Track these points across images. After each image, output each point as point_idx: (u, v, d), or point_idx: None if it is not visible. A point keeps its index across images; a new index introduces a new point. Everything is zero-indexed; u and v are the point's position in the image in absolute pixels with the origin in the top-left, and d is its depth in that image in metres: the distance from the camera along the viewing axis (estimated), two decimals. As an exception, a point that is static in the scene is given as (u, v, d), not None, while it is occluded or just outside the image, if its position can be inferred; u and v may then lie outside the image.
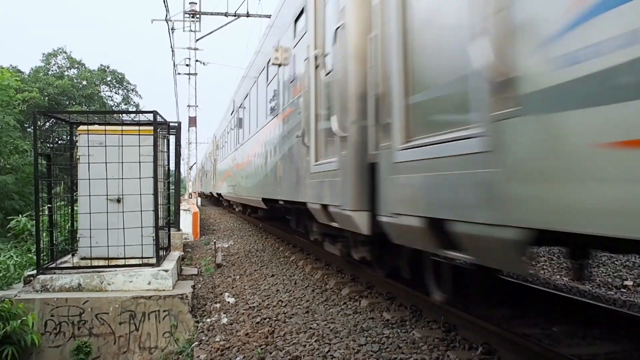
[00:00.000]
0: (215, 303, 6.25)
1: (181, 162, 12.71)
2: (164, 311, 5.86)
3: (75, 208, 6.97)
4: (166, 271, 6.17)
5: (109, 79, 43.41)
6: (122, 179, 6.21)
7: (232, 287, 6.97)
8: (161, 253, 6.68)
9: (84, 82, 40.54)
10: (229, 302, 6.17)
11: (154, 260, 6.29)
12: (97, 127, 6.47)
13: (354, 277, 6.61)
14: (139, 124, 6.68)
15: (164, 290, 6.03)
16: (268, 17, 18.71)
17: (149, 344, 5.82)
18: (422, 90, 3.39)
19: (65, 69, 41.48)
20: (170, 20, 24.03)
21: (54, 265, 6.24)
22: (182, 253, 9.22)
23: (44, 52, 41.58)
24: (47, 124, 22.60)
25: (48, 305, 5.73)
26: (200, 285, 7.21)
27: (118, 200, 6.30)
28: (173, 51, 25.69)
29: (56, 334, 5.71)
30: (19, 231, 10.07)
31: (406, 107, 3.52)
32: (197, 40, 25.49)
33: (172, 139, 9.42)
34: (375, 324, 4.62)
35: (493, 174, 2.43)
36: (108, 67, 43.44)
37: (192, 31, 25.20)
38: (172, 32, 24.52)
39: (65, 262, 6.45)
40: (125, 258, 6.18)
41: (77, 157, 6.38)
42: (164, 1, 21.28)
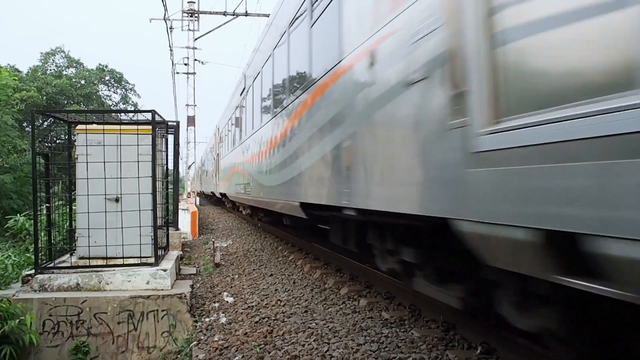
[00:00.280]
0: (214, 302, 6.24)
1: (180, 161, 12.54)
2: (163, 311, 5.85)
3: (73, 207, 6.96)
4: (165, 271, 6.16)
5: (107, 78, 43.36)
6: (121, 178, 6.20)
7: (231, 287, 6.96)
8: (160, 252, 6.67)
9: (82, 82, 40.48)
10: (227, 302, 6.16)
11: (152, 260, 6.28)
12: (95, 126, 6.46)
13: (352, 276, 6.61)
14: (138, 123, 6.67)
15: (162, 290, 6.02)
16: (267, 15, 18.72)
17: (147, 343, 5.81)
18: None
19: (64, 68, 41.43)
20: (169, 20, 23.98)
21: (52, 264, 6.22)
22: (181, 252, 9.21)
23: (42, 52, 41.55)
24: (46, 123, 22.53)
25: (46, 305, 5.71)
26: (198, 285, 7.20)
27: (116, 200, 6.29)
28: (171, 50, 25.63)
29: (54, 334, 5.70)
30: (17, 231, 10.05)
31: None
32: (196, 39, 25.44)
33: (171, 138, 9.39)
34: (374, 323, 4.61)
35: None
36: (106, 67, 43.40)
37: (190, 30, 25.16)
38: (171, 31, 24.46)
39: (64, 261, 6.44)
40: (123, 257, 6.17)
41: (76, 156, 6.37)
42: (162, 0, 21.26)
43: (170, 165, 9.82)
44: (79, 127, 6.52)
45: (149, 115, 6.51)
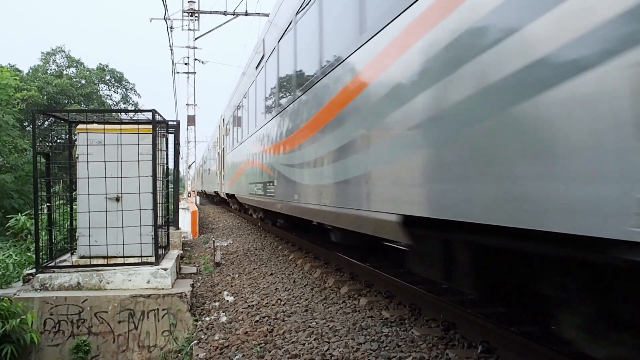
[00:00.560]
0: (214, 302, 6.25)
1: (180, 160, 12.44)
2: (163, 310, 5.85)
3: (74, 207, 6.97)
4: (165, 270, 6.17)
5: (107, 77, 43.41)
6: (121, 177, 6.21)
7: (231, 286, 6.97)
8: (160, 252, 6.68)
9: (83, 81, 40.53)
10: (228, 301, 6.17)
11: (153, 259, 6.28)
12: (96, 125, 6.47)
13: (353, 275, 6.62)
14: (138, 122, 6.67)
15: (163, 289, 6.03)
16: (266, 15, 18.73)
17: (148, 342, 5.82)
18: None
19: (64, 68, 41.48)
20: (169, 19, 23.99)
21: (53, 264, 6.23)
22: (181, 252, 9.22)
23: (42, 51, 41.60)
24: (46, 122, 22.56)
25: (47, 304, 5.72)
26: (199, 284, 7.21)
27: (117, 199, 6.30)
28: (172, 50, 25.66)
29: (55, 333, 5.71)
30: (18, 230, 10.05)
31: None
32: (196, 39, 25.46)
33: (171, 137, 9.40)
34: (374, 322, 4.62)
35: None
36: (107, 66, 43.44)
37: (190, 30, 25.17)
38: (171, 31, 24.49)
39: (65, 260, 6.45)
40: (124, 257, 6.18)
41: (76, 155, 6.38)
42: (162, 0, 21.26)
43: (171, 165, 9.83)
44: (80, 126, 6.53)
45: (149, 115, 6.52)
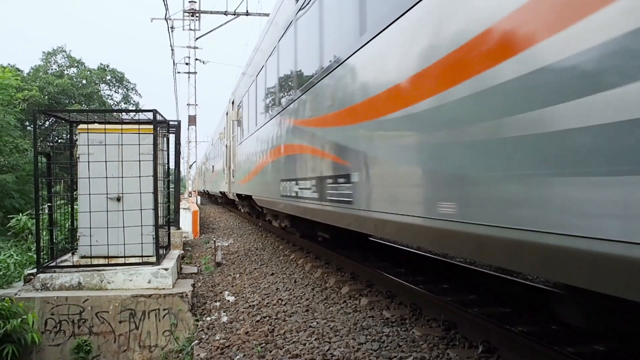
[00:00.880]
0: (215, 301, 6.25)
1: (181, 160, 12.40)
2: (164, 310, 5.86)
3: (75, 207, 6.97)
4: (166, 270, 6.17)
5: (108, 77, 43.42)
6: (122, 177, 6.21)
7: (232, 286, 6.97)
8: (161, 252, 6.68)
9: (84, 81, 40.55)
10: (228, 301, 6.17)
11: (153, 259, 6.29)
12: (97, 125, 6.47)
13: (353, 275, 6.62)
14: (139, 122, 6.68)
15: (164, 289, 6.04)
16: (267, 15, 18.71)
17: (149, 342, 5.82)
18: None
19: (65, 68, 41.49)
20: (170, 19, 24.02)
21: (54, 263, 6.24)
22: (182, 252, 9.23)
23: (43, 51, 41.63)
24: (47, 122, 22.59)
25: (48, 303, 5.73)
26: (200, 284, 7.21)
27: (118, 199, 6.30)
28: (173, 50, 25.69)
29: (56, 333, 5.71)
30: (19, 230, 10.07)
31: None
32: (197, 39, 25.49)
33: (172, 137, 9.41)
34: (375, 322, 4.62)
35: None
36: (108, 66, 43.45)
37: (191, 30, 25.20)
38: (172, 31, 24.53)
39: (65, 260, 6.45)
40: (125, 257, 6.18)
41: (77, 155, 6.38)
42: (163, 0, 21.26)
43: (172, 165, 9.84)
44: (81, 126, 6.53)
45: (150, 115, 6.52)
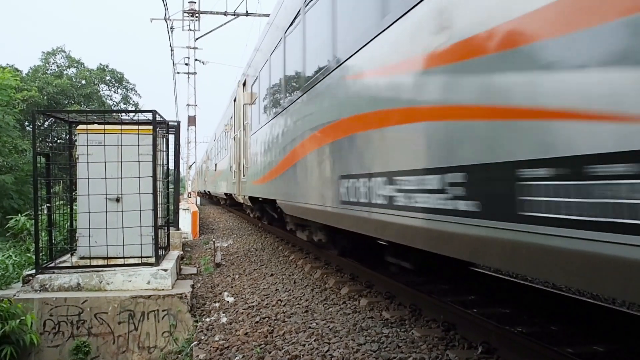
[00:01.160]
0: (215, 302, 6.24)
1: (180, 161, 12.37)
2: (163, 311, 5.85)
3: (74, 207, 6.96)
4: (165, 270, 6.16)
5: (108, 78, 43.38)
6: (121, 178, 6.21)
7: (232, 287, 6.96)
8: (160, 252, 6.67)
9: (83, 82, 40.51)
10: (228, 302, 6.16)
11: (153, 260, 6.28)
12: (96, 126, 6.47)
13: (353, 276, 6.61)
14: (138, 123, 6.67)
15: (163, 290, 6.03)
16: (267, 15, 18.71)
17: (148, 343, 5.81)
18: None
19: (64, 68, 41.46)
20: (170, 19, 23.99)
21: (52, 264, 6.23)
22: (181, 252, 9.22)
23: (43, 51, 41.59)
24: (46, 123, 22.58)
25: (47, 304, 5.72)
26: (199, 285, 7.20)
27: (117, 200, 6.29)
28: (172, 50, 25.64)
29: (55, 334, 5.70)
30: (18, 230, 10.05)
31: None
32: (197, 39, 25.44)
33: (172, 138, 9.40)
34: (375, 323, 4.61)
35: None
36: (107, 67, 43.42)
37: (191, 30, 25.16)
38: (172, 31, 24.48)
39: (64, 261, 6.44)
40: (124, 257, 6.17)
41: (76, 156, 6.38)
42: (163, 0, 21.26)
43: (171, 165, 9.83)
44: (80, 127, 6.52)
45: (149, 115, 6.51)
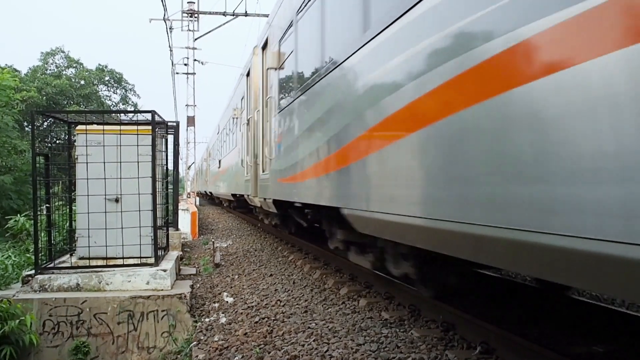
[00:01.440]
0: (214, 303, 6.25)
1: (179, 161, 12.39)
2: (163, 311, 5.85)
3: (73, 208, 6.96)
4: (164, 271, 6.16)
5: (107, 78, 43.33)
6: (121, 178, 6.21)
7: (231, 287, 6.97)
8: (159, 253, 6.68)
9: (82, 82, 40.43)
10: (227, 302, 6.17)
11: (152, 260, 6.28)
12: (95, 126, 6.47)
13: (352, 276, 6.62)
14: (137, 123, 6.67)
15: (162, 290, 6.03)
16: (266, 16, 18.71)
17: (147, 343, 5.82)
18: None
19: (63, 69, 41.39)
20: (169, 20, 23.98)
21: (52, 265, 6.23)
22: (181, 253, 9.22)
23: (42, 51, 41.53)
24: (45, 123, 22.57)
25: (46, 305, 5.72)
26: (198, 285, 7.20)
27: (116, 200, 6.29)
28: (171, 50, 25.63)
29: (54, 334, 5.70)
30: (17, 231, 10.05)
31: None
32: (196, 39, 25.46)
33: (171, 138, 9.40)
34: (374, 323, 4.62)
35: None
36: (106, 67, 43.36)
37: (190, 30, 25.17)
38: (170, 32, 24.47)
39: (64, 262, 6.45)
40: (123, 258, 6.18)
41: (75, 156, 6.38)
42: (162, 1, 21.27)
43: (170, 166, 9.83)
44: (79, 127, 6.52)
45: (148, 116, 6.51)
